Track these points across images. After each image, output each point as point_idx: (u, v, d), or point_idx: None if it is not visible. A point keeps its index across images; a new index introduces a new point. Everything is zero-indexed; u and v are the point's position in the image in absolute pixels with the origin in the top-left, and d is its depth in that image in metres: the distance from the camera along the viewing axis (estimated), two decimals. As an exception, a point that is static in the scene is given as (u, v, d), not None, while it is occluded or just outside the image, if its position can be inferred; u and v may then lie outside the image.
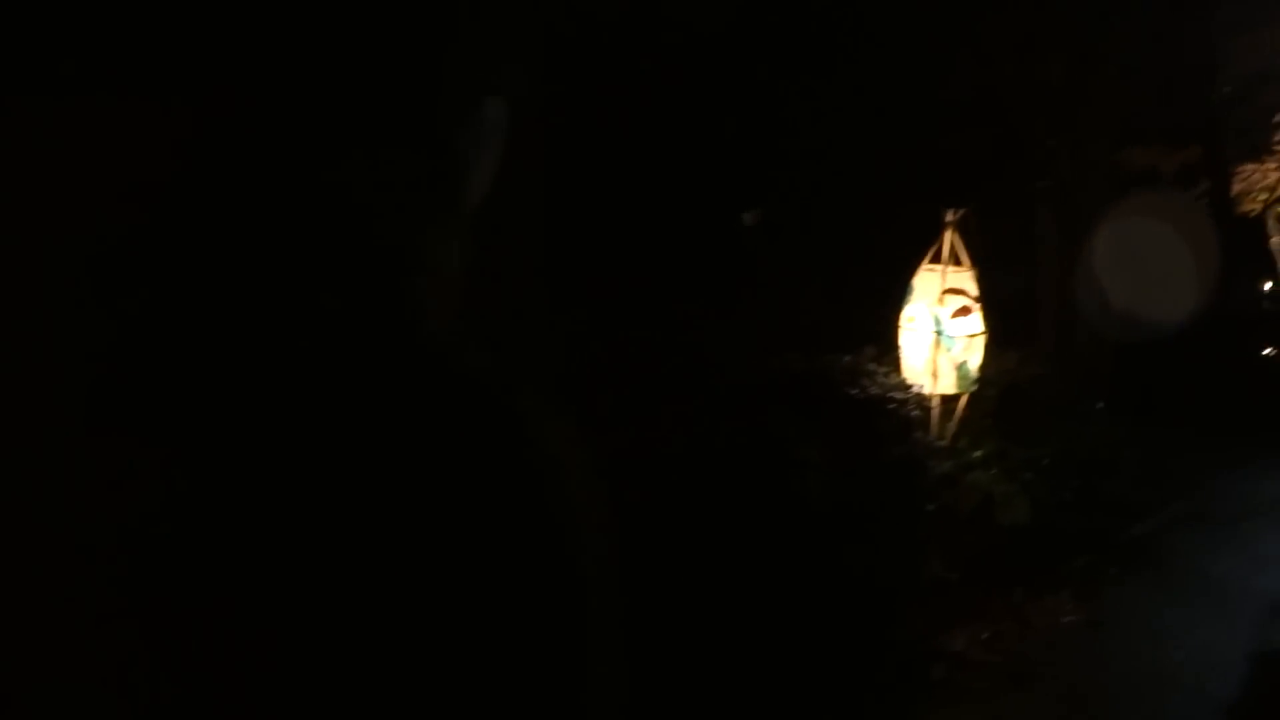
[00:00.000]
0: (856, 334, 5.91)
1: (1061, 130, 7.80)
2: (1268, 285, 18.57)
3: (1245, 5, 13.59)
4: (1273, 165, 16.25)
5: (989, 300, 6.04)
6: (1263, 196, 16.63)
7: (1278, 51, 13.71)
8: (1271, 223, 17.76)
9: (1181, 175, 16.17)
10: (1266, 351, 13.87)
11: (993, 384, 6.00)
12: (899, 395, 5.07)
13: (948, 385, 5.28)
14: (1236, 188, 16.84)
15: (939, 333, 5.21)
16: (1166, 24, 12.15)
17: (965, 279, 5.31)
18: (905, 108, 6.95)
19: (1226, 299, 14.34)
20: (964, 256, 5.38)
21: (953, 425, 5.62)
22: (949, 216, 5.33)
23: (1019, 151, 7.72)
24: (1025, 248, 7.98)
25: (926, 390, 5.31)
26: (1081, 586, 5.87)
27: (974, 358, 5.29)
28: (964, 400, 5.55)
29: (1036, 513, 5.87)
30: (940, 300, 5.24)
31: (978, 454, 5.82)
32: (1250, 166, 16.56)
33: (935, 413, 5.46)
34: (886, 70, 7.01)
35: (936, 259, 5.40)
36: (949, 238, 5.34)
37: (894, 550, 4.60)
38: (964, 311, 5.25)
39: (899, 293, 5.53)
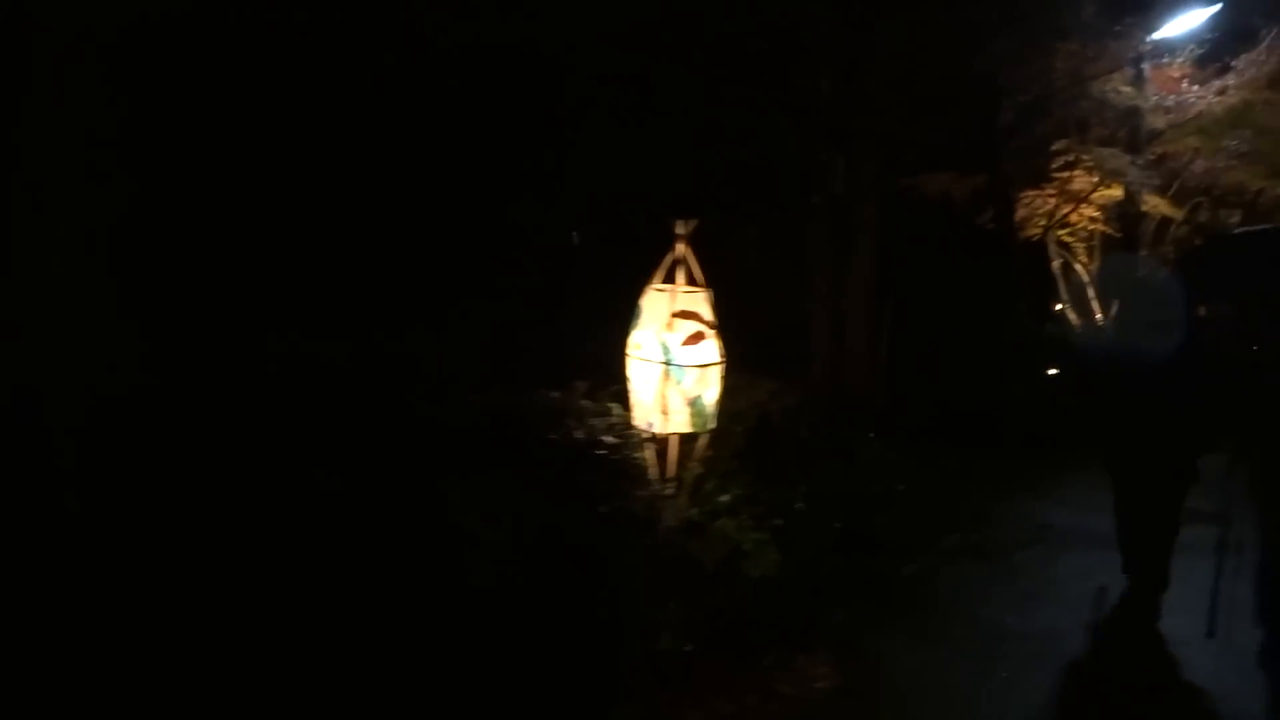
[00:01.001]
0: (589, 364, 5.11)
1: (832, 145, 7.33)
2: (1058, 307, 19.18)
3: (1021, 36, 13.80)
4: (1051, 192, 16.71)
5: (758, 323, 5.39)
6: (1043, 222, 17.07)
7: (1051, 81, 14.01)
8: (1052, 247, 18.31)
9: (974, 201, 16.42)
10: (1051, 372, 14.08)
11: (743, 419, 5.31)
12: (613, 438, 4.27)
13: (681, 423, 4.52)
14: (1020, 214, 17.25)
15: (668, 363, 4.45)
16: (945, 50, 12.09)
17: (698, 301, 4.56)
18: (658, 114, 6.31)
19: (1012, 322, 14.50)
20: (698, 275, 4.65)
21: (694, 468, 4.88)
22: (679, 229, 4.59)
23: (790, 165, 7.23)
24: (799, 268, 7.47)
25: (657, 429, 4.54)
26: (840, 643, 5.21)
27: (709, 391, 4.55)
28: (704, 440, 4.82)
29: (792, 561, 5.19)
30: (669, 325, 4.48)
31: (724, 499, 5.09)
32: (1032, 193, 16.99)
33: (670, 455, 4.71)
34: (640, 73, 6.34)
35: (671, 278, 4.65)
36: (681, 253, 4.60)
37: (606, 629, 3.77)
38: (696, 338, 4.51)
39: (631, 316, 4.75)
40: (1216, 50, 13.04)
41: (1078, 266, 17.48)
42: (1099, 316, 16.73)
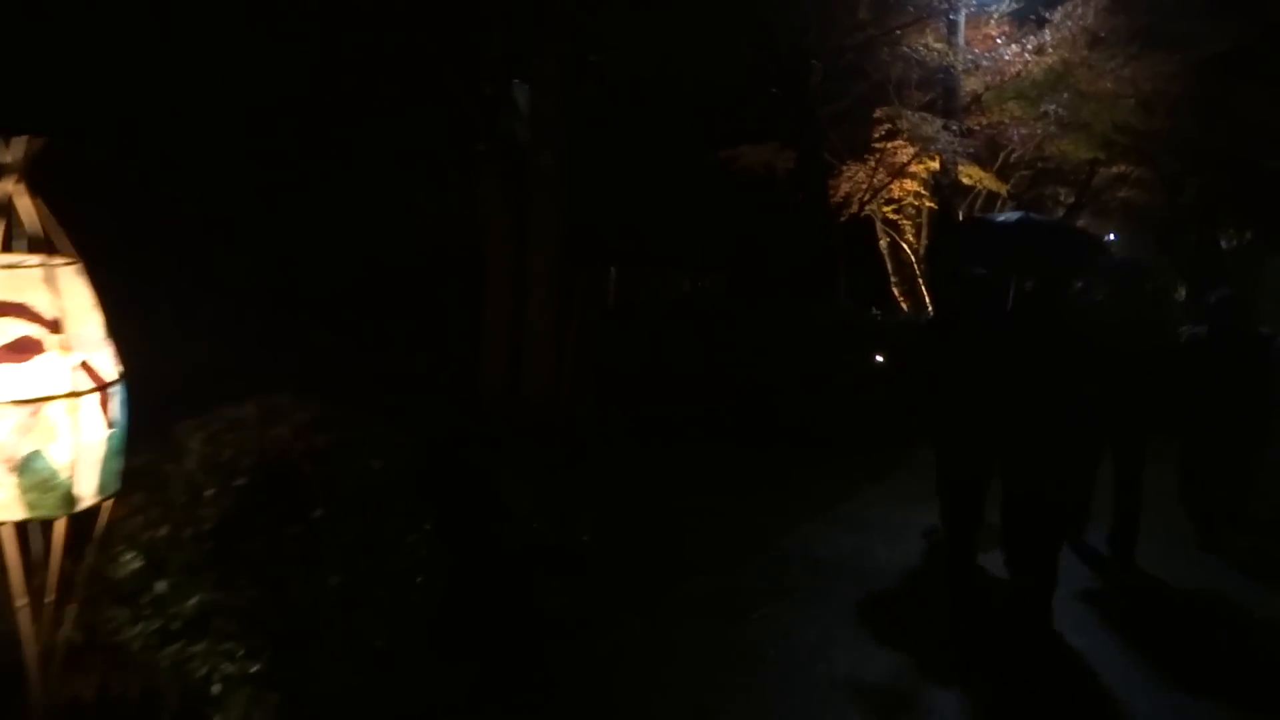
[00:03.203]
0: None
1: (503, 72, 5.30)
2: (900, 290, 17.72)
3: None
4: (873, 164, 15.13)
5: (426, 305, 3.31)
6: (867, 197, 15.50)
7: (856, 35, 12.32)
8: (879, 225, 16.83)
9: (798, 175, 14.69)
10: (878, 359, 12.45)
11: (237, 472, 3.26)
12: None
13: (7, 504, 2.46)
14: (843, 188, 15.64)
15: (-43, 397, 2.38)
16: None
17: (34, 283, 2.48)
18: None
19: (825, 305, 12.83)
20: (49, 236, 2.56)
21: (88, 567, 2.81)
22: (5, 157, 2.50)
23: (446, 102, 5.19)
24: (475, 233, 5.46)
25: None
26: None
27: (57, 445, 2.48)
28: (104, 518, 2.76)
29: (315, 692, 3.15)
30: (-31, 328, 2.41)
31: (181, 608, 3.03)
32: (854, 165, 15.41)
33: (56, 542, 2.65)
34: None
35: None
36: (5, 197, 2.50)
37: None
38: (22, 350, 2.44)
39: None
40: (1033, 4, 11.59)
41: (904, 245, 16.06)
42: (927, 297, 15.31)
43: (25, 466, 2.44)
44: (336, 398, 3.88)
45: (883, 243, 15.99)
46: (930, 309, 14.03)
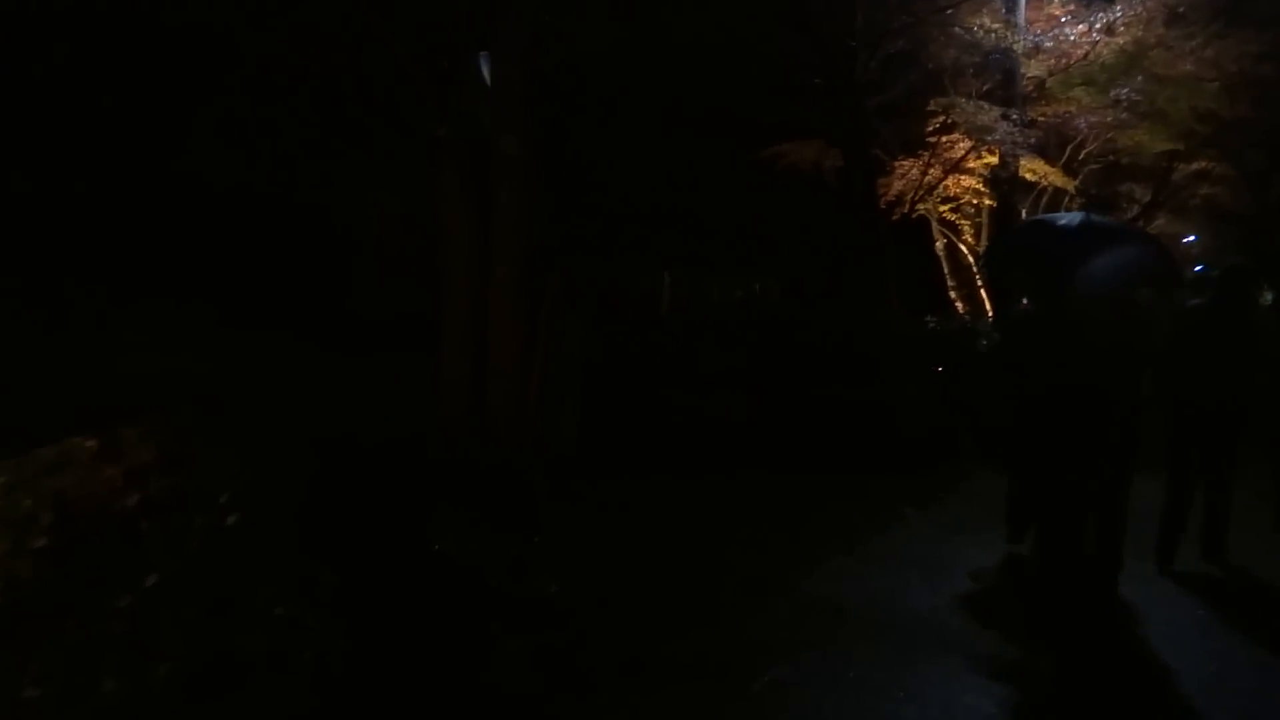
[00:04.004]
0: None
1: (462, 40, 4.49)
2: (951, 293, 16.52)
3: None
4: (928, 160, 14.03)
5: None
6: (922, 196, 14.40)
7: (909, 18, 11.24)
8: (935, 226, 15.71)
9: (848, 174, 13.66)
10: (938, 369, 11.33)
11: (12, 531, 2.54)
12: None
13: None
14: (896, 186, 14.58)
15: None
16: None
17: None
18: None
19: (876, 312, 11.69)
20: None
21: None
22: None
23: (397, 80, 4.43)
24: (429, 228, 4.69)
25: None
26: None
27: None
28: None
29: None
30: None
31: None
32: (908, 162, 14.35)
33: None
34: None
35: None
36: None
37: None
38: None
39: None
40: (1102, -22, 10.46)
41: (962, 246, 14.95)
42: (986, 299, 14.19)
43: None
44: (255, 414, 3.16)
45: (939, 244, 14.92)
46: (991, 314, 12.90)
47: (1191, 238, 22.27)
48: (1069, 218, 5.52)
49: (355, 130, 4.49)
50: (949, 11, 9.87)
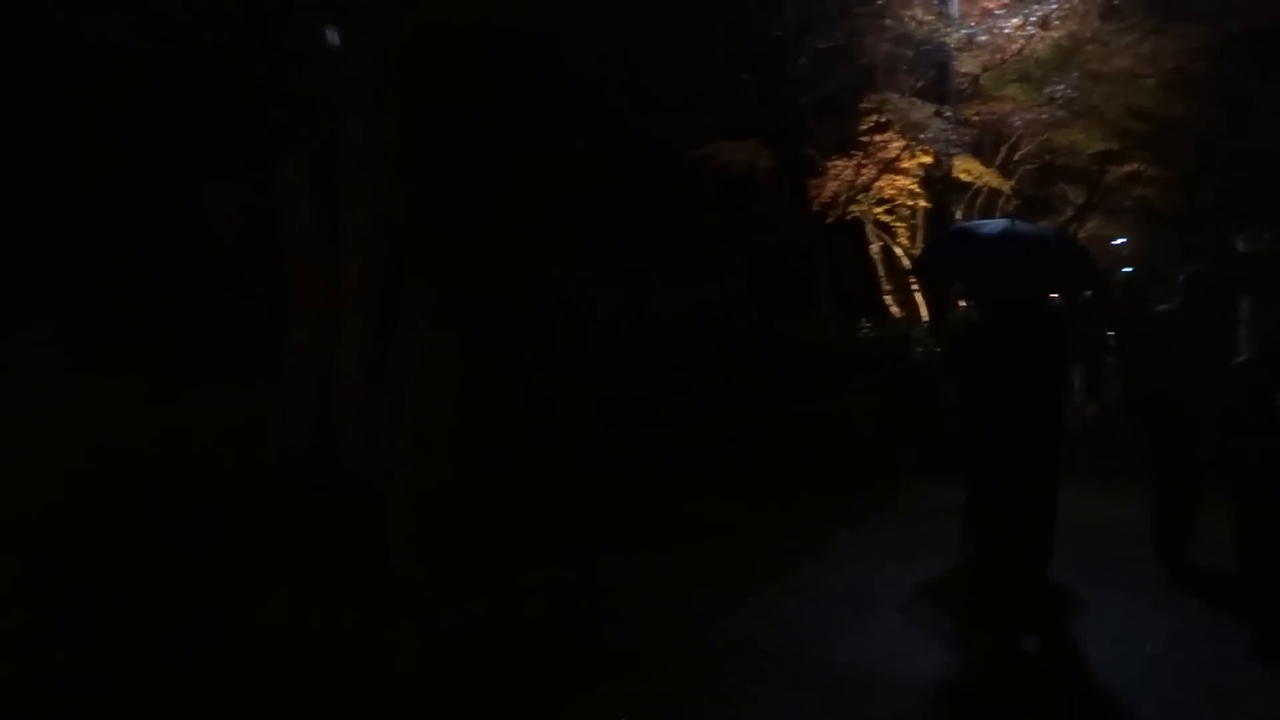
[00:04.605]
0: None
1: (303, 14, 3.71)
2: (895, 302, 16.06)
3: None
4: (862, 160, 13.57)
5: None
6: (858, 197, 13.91)
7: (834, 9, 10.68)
8: (870, 228, 15.27)
9: (782, 175, 13.10)
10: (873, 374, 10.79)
11: None
12: None
13: None
14: (830, 187, 14.08)
15: None
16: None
17: None
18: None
19: (803, 320, 11.12)
20: None
21: None
22: None
23: (228, 54, 3.67)
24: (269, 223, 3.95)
25: None
26: None
27: None
28: None
29: None
30: None
31: None
32: (841, 162, 13.86)
33: None
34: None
35: None
36: None
37: None
38: None
39: None
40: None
41: (898, 250, 14.52)
42: (922, 304, 13.76)
43: None
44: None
45: (874, 247, 14.47)
46: (929, 318, 12.43)
47: (1121, 240, 22.26)
48: (992, 225, 5.36)
49: (182, 112, 3.76)
50: (879, 2, 9.37)
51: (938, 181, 10.88)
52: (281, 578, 3.09)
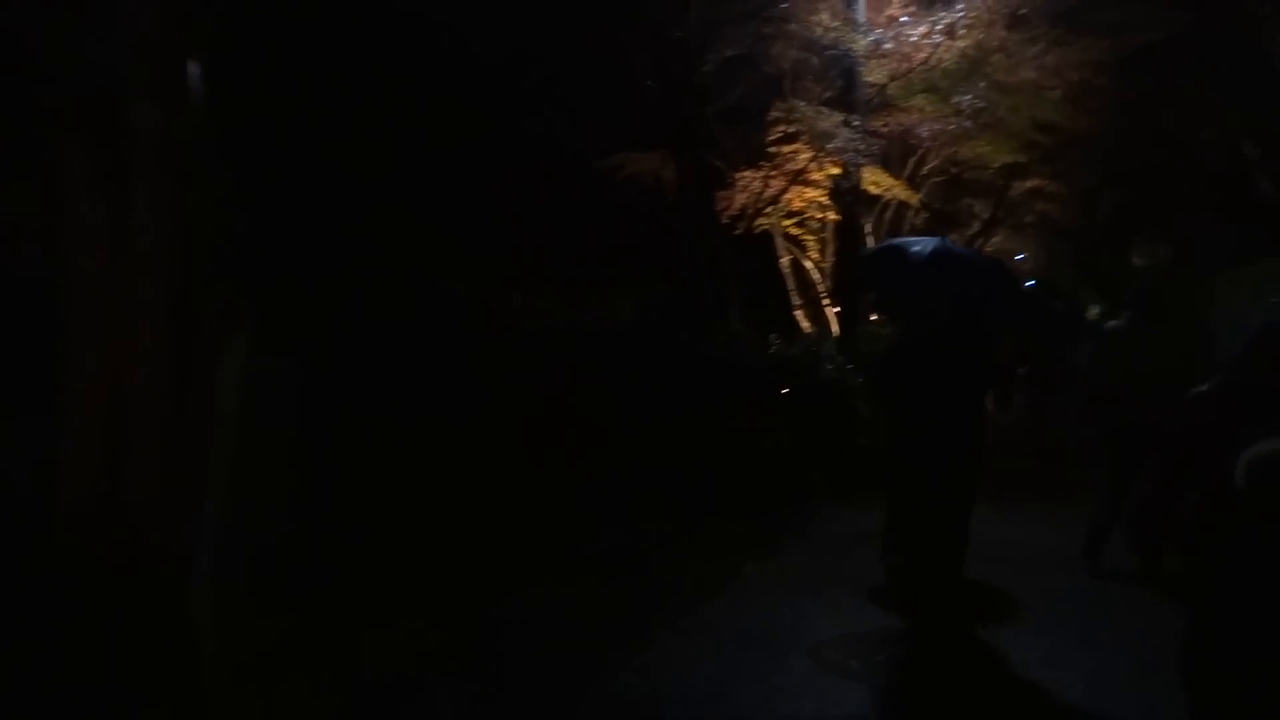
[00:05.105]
0: None
1: None
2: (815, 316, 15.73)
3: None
4: (771, 171, 13.19)
5: None
6: (766, 209, 13.53)
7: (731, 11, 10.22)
8: (779, 240, 14.95)
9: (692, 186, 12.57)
10: (784, 391, 10.36)
11: None
12: None
13: None
14: (739, 199, 13.68)
15: None
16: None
17: None
18: None
19: (710, 335, 10.65)
20: None
21: None
22: None
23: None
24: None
25: None
26: None
27: None
28: None
29: None
30: None
31: None
32: (750, 174, 13.47)
33: None
34: None
35: None
36: None
37: None
38: None
39: None
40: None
41: (808, 264, 14.22)
42: (833, 319, 13.45)
43: None
44: None
45: (784, 260, 14.15)
46: (840, 333, 12.08)
47: (1021, 255, 22.52)
48: (925, 244, 5.33)
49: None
50: (784, 5, 8.99)
51: (846, 193, 10.55)
52: (33, 681, 2.39)
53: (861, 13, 9.47)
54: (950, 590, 4.97)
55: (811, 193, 12.22)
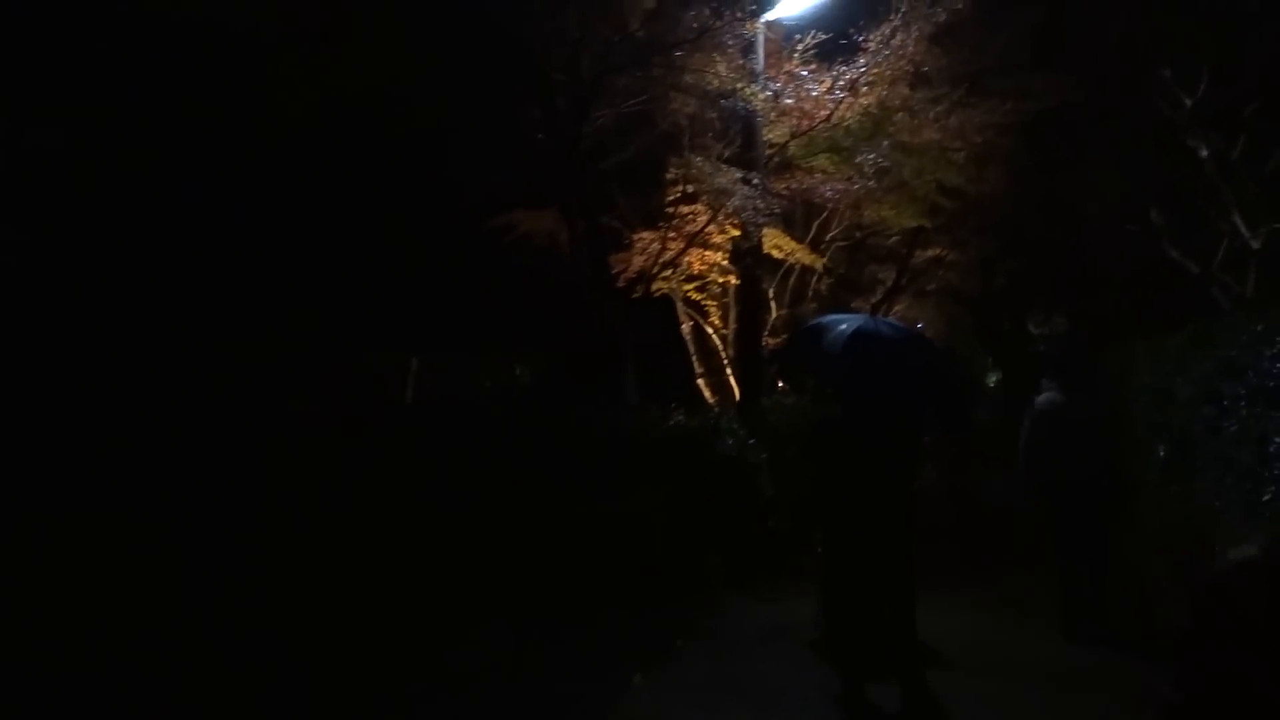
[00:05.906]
0: None
1: None
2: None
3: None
4: (670, 234, 12.50)
5: None
6: (665, 273, 12.79)
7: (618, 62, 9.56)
8: (680, 306, 14.27)
9: (581, 245, 11.74)
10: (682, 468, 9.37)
11: None
12: None
13: None
14: (636, 262, 12.97)
15: None
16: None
17: None
18: None
19: (600, 408, 9.72)
20: None
21: None
22: None
23: None
24: None
25: None
26: None
27: None
28: None
29: None
30: None
31: None
32: (648, 235, 12.76)
33: None
34: None
35: None
36: None
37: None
38: None
39: None
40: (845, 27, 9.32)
41: (709, 330, 13.56)
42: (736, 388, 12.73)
43: None
44: None
45: (685, 326, 13.46)
46: (741, 403, 11.35)
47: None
48: (850, 321, 5.34)
49: None
50: (678, 54, 8.37)
51: (746, 254, 9.91)
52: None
53: (760, 63, 8.93)
54: (910, 644, 4.83)
55: (712, 255, 11.61)
